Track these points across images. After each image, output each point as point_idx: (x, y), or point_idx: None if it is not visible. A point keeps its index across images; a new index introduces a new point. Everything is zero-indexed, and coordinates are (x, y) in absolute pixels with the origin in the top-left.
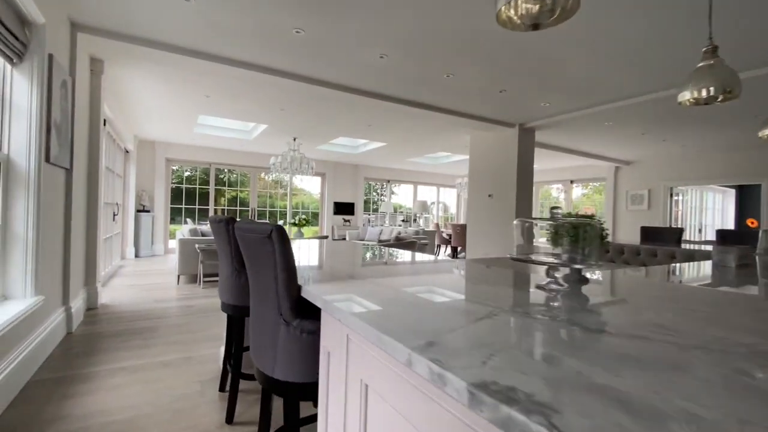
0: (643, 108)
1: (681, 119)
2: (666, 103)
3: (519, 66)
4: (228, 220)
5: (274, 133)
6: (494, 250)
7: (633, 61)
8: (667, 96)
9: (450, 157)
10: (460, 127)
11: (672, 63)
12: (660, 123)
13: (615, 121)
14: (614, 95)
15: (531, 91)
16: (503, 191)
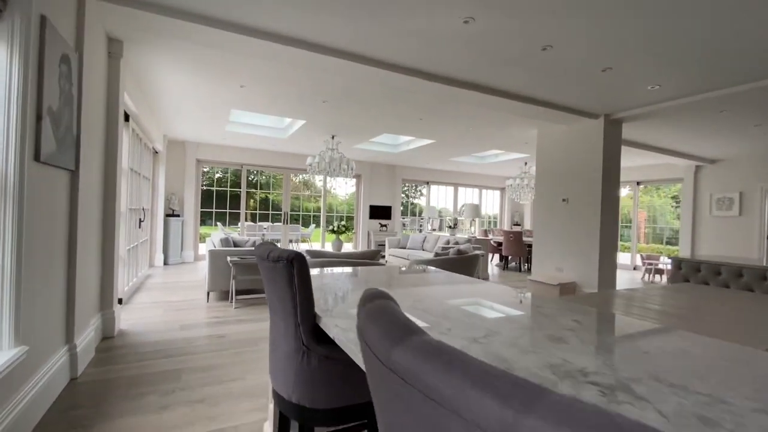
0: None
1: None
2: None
3: (635, 34)
4: (292, 258)
5: (312, 130)
6: (570, 265)
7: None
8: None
9: (500, 155)
10: (529, 120)
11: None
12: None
13: (732, 110)
14: (744, 75)
15: (642, 69)
16: (582, 195)
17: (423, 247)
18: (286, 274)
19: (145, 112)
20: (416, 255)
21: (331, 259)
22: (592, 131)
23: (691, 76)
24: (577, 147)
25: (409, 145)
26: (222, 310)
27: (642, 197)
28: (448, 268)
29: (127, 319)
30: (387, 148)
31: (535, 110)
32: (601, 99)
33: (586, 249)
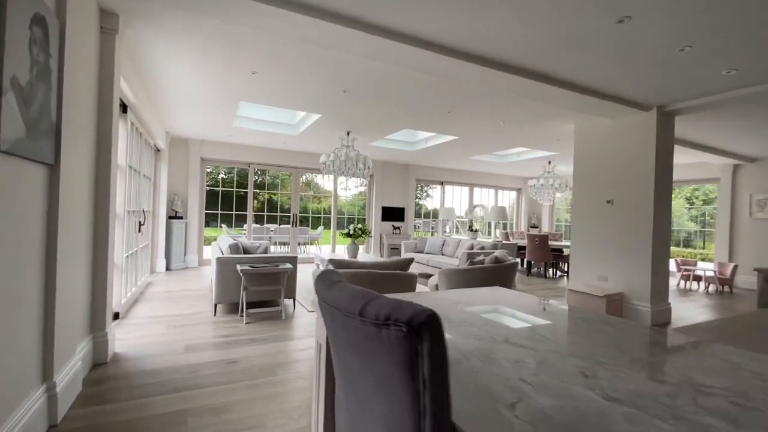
0: None
1: None
2: None
3: (727, 3)
4: (419, 325)
5: (327, 126)
6: (616, 274)
7: None
8: None
9: (522, 154)
10: (568, 113)
11: None
12: None
13: None
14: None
15: (725, 49)
16: (631, 196)
17: (443, 251)
18: (405, 351)
19: (146, 105)
20: (437, 261)
21: (359, 270)
22: (642, 125)
23: None
24: (625, 143)
25: (428, 143)
26: (232, 326)
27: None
28: (487, 278)
29: (123, 338)
30: (403, 146)
31: (582, 101)
32: (662, 87)
33: (635, 255)
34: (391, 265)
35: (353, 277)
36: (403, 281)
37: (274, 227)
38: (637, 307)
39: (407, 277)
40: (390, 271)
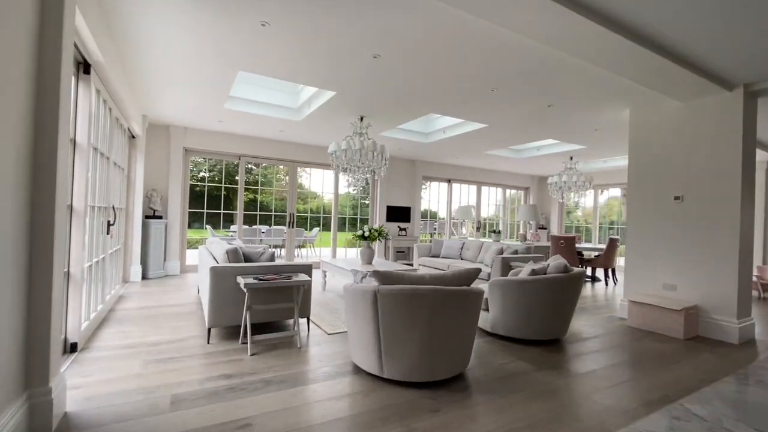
0: None
1: None
2: None
3: None
4: None
5: (338, 108)
6: (688, 282)
7: None
8: None
9: (542, 149)
10: (625, 95)
11: None
12: None
13: None
14: None
15: None
16: (709, 193)
17: (462, 255)
18: None
19: (117, 71)
20: (458, 265)
21: (419, 287)
22: (722, 108)
23: None
24: (699, 129)
25: (446, 133)
26: (233, 359)
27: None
28: (555, 291)
29: (80, 384)
30: (416, 137)
31: (660, 68)
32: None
33: (714, 261)
34: (454, 278)
35: (413, 298)
36: (470, 301)
37: (266, 228)
38: (719, 322)
39: (474, 295)
40: (456, 288)
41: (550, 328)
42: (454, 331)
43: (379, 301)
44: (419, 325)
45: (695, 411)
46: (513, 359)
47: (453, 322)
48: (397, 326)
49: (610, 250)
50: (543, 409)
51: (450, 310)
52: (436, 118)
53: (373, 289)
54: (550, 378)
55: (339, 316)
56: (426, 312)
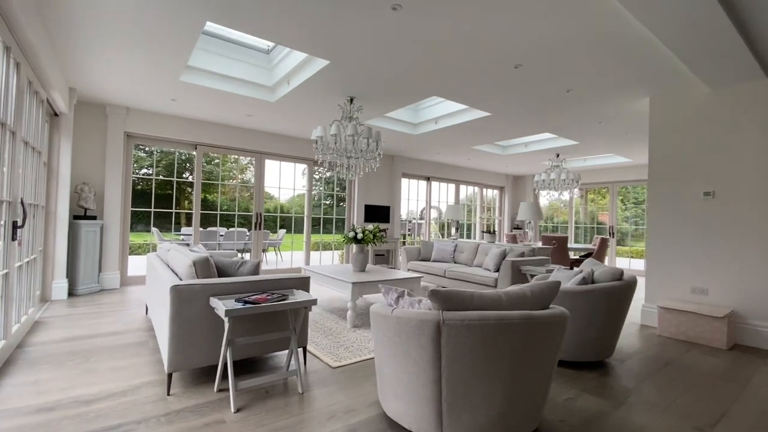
0: None
1: None
2: None
3: None
4: None
5: (325, 85)
6: (719, 286)
7: None
8: None
9: (531, 145)
10: (646, 80)
11: None
12: None
13: None
14: None
15: None
16: (746, 189)
17: (456, 258)
18: None
19: (30, 10)
20: (462, 273)
21: (503, 312)
22: (759, 95)
23: None
24: (734, 119)
25: (437, 123)
26: (209, 423)
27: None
28: (612, 300)
29: None
30: (402, 128)
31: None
32: None
33: (753, 261)
34: (535, 297)
35: (497, 330)
36: (560, 331)
37: (224, 231)
38: (757, 328)
39: (564, 322)
40: (548, 313)
41: (601, 348)
42: (538, 373)
43: (443, 336)
44: (501, 367)
45: None
46: (577, 391)
47: (538, 359)
48: (470, 370)
49: (601, 249)
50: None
51: (537, 345)
52: (425, 107)
53: (435, 319)
54: (639, 417)
55: (337, 340)
56: (511, 349)
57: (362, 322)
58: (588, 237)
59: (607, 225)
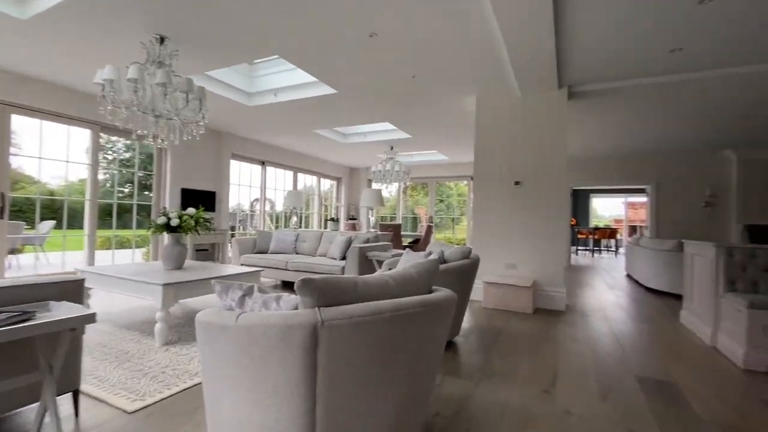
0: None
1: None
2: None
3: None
4: None
5: (123, 4)
6: (526, 261)
7: None
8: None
9: (369, 135)
10: (476, 80)
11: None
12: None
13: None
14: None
15: (684, 24)
16: (542, 178)
17: (297, 249)
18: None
19: None
20: (297, 261)
21: (400, 300)
22: (552, 103)
23: (728, 41)
24: (536, 120)
25: (277, 96)
26: None
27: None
28: (464, 278)
29: None
30: (236, 95)
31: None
32: (586, 63)
33: (547, 240)
34: (421, 278)
35: (392, 324)
36: (449, 316)
37: None
38: (549, 293)
39: (450, 306)
40: (443, 296)
41: (455, 327)
42: (432, 369)
43: (323, 344)
44: (398, 371)
45: None
46: (440, 376)
47: (434, 352)
48: (360, 386)
49: (427, 235)
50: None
51: (433, 335)
52: (264, 75)
53: (311, 321)
54: (498, 392)
55: (139, 367)
56: (409, 346)
57: (179, 337)
58: (409, 227)
59: (422, 217)
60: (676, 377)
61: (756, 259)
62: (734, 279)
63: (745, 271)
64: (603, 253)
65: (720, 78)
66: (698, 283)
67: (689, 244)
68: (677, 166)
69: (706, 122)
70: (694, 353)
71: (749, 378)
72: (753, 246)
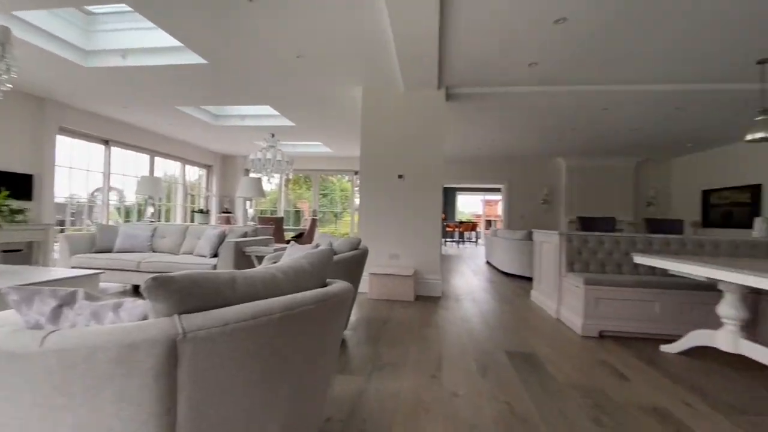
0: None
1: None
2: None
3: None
4: None
5: None
6: (408, 251)
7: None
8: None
9: (248, 119)
10: (361, 71)
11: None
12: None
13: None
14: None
15: (544, 40)
16: (422, 170)
17: (154, 246)
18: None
19: None
20: (153, 261)
21: (291, 297)
22: (432, 101)
23: (573, 61)
24: (417, 117)
25: (126, 58)
26: None
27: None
28: (354, 268)
29: None
30: (65, 51)
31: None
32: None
33: (426, 230)
34: (315, 269)
35: (281, 327)
36: (344, 311)
37: None
38: (428, 281)
39: (348, 299)
40: (341, 288)
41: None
42: (326, 373)
43: (185, 363)
44: (284, 385)
45: None
46: None
47: (329, 353)
48: (239, 404)
49: (311, 229)
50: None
51: (329, 334)
52: (110, 30)
53: (166, 334)
54: (390, 382)
55: None
56: (303, 350)
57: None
58: (291, 222)
59: (305, 211)
60: (535, 348)
61: (588, 244)
62: (573, 261)
63: (581, 254)
64: (467, 244)
65: (566, 93)
66: (545, 266)
67: (538, 233)
68: (524, 169)
69: (547, 132)
70: (545, 326)
71: (587, 343)
72: (586, 233)
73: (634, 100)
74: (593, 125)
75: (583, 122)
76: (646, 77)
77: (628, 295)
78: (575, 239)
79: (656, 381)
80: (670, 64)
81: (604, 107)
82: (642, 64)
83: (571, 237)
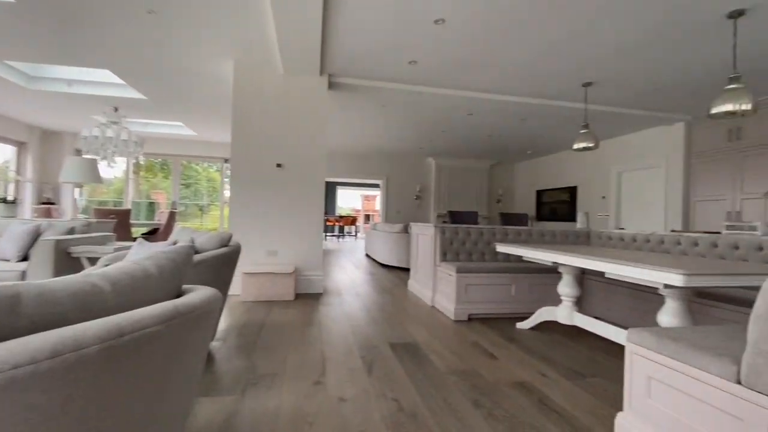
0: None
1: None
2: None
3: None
4: None
5: None
6: (287, 247)
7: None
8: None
9: (78, 86)
10: (232, 39)
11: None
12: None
13: None
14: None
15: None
16: (303, 162)
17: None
18: None
19: None
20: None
21: (132, 317)
22: (314, 87)
23: (449, 63)
24: (297, 102)
25: None
26: None
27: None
28: (225, 269)
29: None
30: None
31: None
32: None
33: (305, 226)
34: (168, 278)
35: (57, 376)
36: (209, 325)
37: None
38: (309, 277)
39: (214, 310)
40: (193, 301)
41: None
42: (187, 401)
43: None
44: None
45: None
46: (192, 398)
47: (187, 380)
48: None
49: (169, 224)
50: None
51: (187, 360)
52: None
53: None
54: (268, 398)
55: None
56: (142, 388)
57: None
58: (143, 215)
59: (162, 203)
60: (415, 336)
61: (458, 236)
62: (446, 251)
63: (452, 245)
64: (347, 238)
65: (440, 96)
66: (421, 257)
67: (415, 226)
68: (400, 166)
69: (422, 132)
70: (422, 313)
71: (459, 327)
72: (456, 225)
73: (491, 108)
74: (459, 129)
75: (452, 125)
76: (502, 88)
77: (491, 280)
78: (448, 231)
79: (517, 356)
80: (519, 79)
81: (469, 113)
82: (498, 74)
83: (444, 229)
